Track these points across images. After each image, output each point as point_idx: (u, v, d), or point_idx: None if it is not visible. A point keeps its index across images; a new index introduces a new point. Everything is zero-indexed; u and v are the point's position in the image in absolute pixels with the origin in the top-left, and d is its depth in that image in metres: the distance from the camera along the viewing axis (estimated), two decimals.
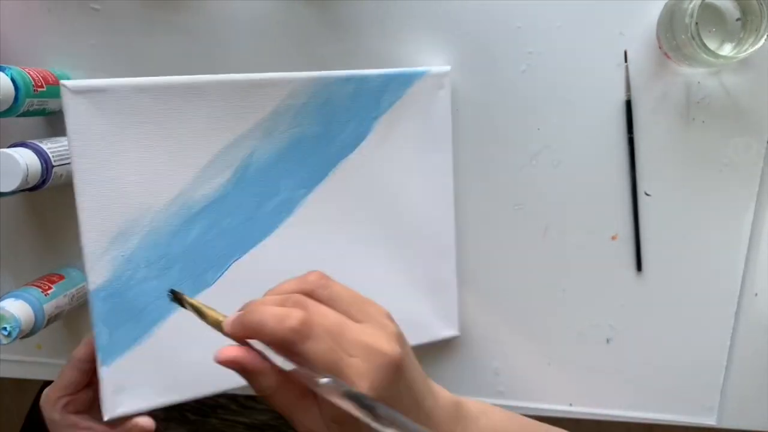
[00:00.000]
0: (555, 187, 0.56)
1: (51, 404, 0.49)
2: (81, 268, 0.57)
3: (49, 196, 0.58)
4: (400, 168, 0.53)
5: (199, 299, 0.38)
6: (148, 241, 0.46)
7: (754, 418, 0.59)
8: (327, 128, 0.50)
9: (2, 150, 0.47)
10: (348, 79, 0.50)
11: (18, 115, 0.49)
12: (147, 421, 0.48)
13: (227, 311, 0.38)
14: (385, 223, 0.53)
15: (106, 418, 0.47)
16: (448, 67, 0.53)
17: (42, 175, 0.49)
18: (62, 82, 0.43)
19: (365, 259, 0.53)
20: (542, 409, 0.60)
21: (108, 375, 0.46)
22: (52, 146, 0.50)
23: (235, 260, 0.49)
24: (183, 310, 0.38)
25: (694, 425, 0.60)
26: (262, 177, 0.48)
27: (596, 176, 0.55)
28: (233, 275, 0.48)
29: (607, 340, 0.58)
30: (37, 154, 0.49)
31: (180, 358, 0.47)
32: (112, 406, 0.46)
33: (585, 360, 0.58)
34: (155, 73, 0.53)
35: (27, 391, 0.71)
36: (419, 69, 0.52)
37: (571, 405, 0.60)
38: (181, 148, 0.46)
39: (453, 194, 0.55)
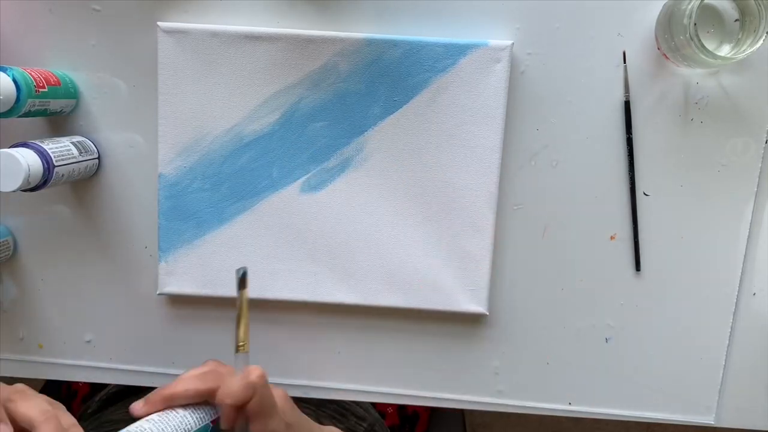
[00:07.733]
0: (554, 187, 0.56)
1: None
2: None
3: (51, 196, 0.58)
4: (444, 135, 0.55)
5: (238, 221, 0.56)
6: (205, 159, 0.56)
7: (752, 418, 0.59)
8: (370, 88, 0.54)
9: (4, 150, 0.47)
10: (396, 44, 0.53)
11: (20, 116, 0.49)
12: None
13: (259, 243, 0.56)
14: (419, 185, 0.56)
15: (158, 292, 0.58)
16: (510, 42, 0.53)
17: (43, 176, 0.49)
18: (158, 23, 0.53)
19: (395, 215, 0.56)
20: (541, 408, 0.60)
21: (164, 259, 0.57)
22: (53, 146, 0.51)
23: (275, 192, 0.56)
24: (232, 224, 0.56)
25: (693, 424, 0.60)
26: (305, 123, 0.55)
27: (595, 176, 0.56)
28: (269, 205, 0.56)
29: (606, 340, 0.58)
30: (38, 155, 0.49)
31: (223, 262, 0.57)
32: (163, 285, 0.58)
33: (584, 359, 0.59)
34: (155, 73, 0.54)
35: None
36: (476, 40, 0.53)
37: (570, 404, 0.60)
38: (240, 88, 0.54)
39: (499, 172, 0.55)
